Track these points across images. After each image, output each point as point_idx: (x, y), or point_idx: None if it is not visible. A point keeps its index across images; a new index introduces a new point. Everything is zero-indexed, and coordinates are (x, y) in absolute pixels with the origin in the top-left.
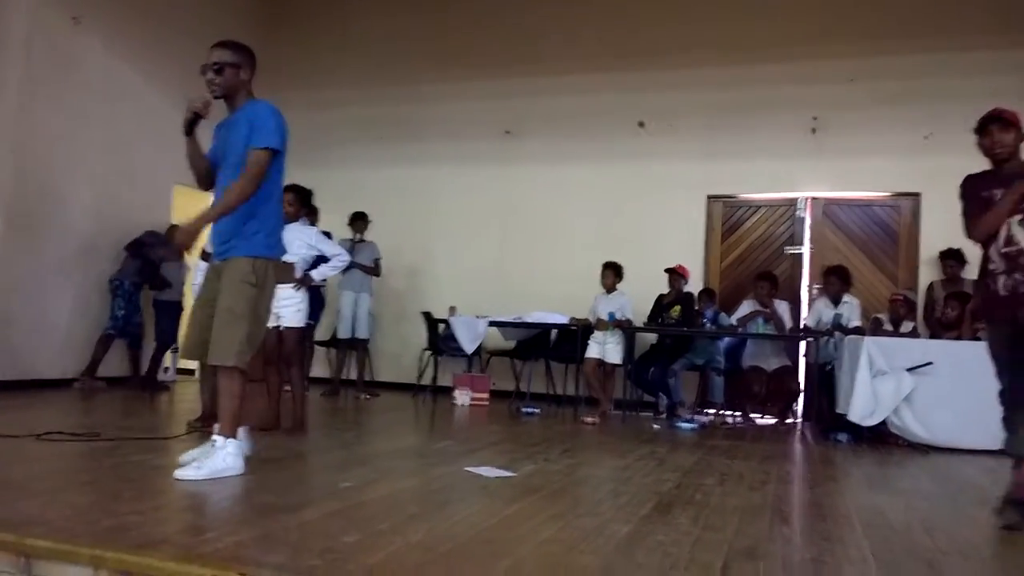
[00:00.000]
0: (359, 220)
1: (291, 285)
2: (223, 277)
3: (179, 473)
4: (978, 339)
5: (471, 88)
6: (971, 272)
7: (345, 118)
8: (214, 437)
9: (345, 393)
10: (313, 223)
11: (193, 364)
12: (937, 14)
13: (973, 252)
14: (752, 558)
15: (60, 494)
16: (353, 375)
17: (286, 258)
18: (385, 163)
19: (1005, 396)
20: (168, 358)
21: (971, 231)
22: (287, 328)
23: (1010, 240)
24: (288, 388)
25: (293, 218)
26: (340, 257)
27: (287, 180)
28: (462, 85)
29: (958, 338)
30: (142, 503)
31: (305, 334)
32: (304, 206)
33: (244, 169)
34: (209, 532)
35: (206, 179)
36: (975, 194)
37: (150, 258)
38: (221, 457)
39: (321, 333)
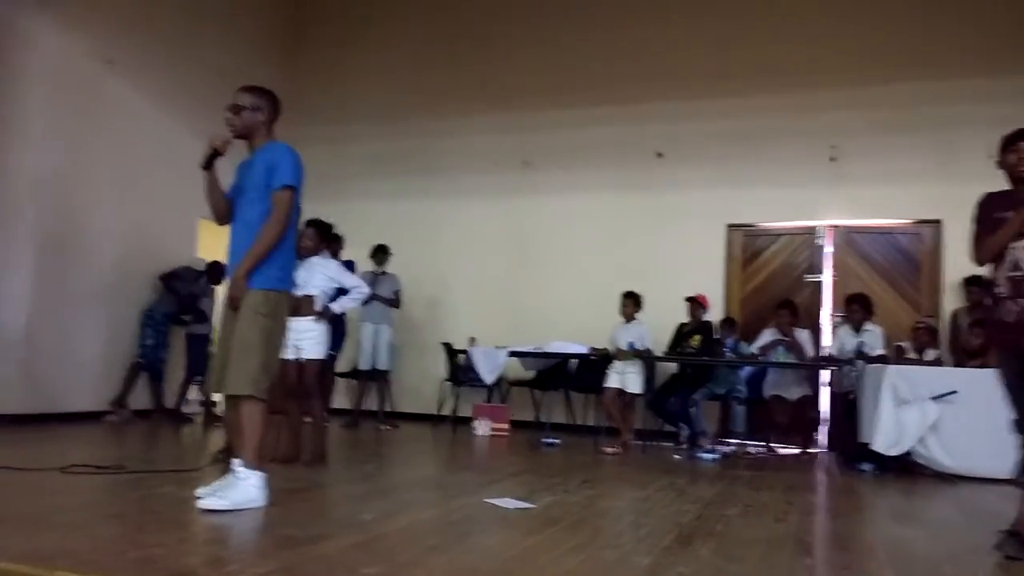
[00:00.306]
0: (380, 253)
1: (312, 318)
2: (239, 310)
3: (203, 502)
4: None
5: (488, 120)
6: None
7: (365, 151)
8: (236, 468)
9: (366, 424)
10: (335, 253)
11: (218, 396)
12: (954, 41)
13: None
14: None
15: (86, 527)
16: (374, 406)
17: (307, 291)
18: (404, 195)
19: (1021, 425)
20: (193, 391)
21: (976, 253)
22: (308, 360)
23: (1016, 265)
24: (309, 420)
25: (313, 252)
26: (359, 289)
27: (307, 214)
28: (479, 118)
29: (983, 366)
30: (167, 535)
31: (326, 366)
32: (324, 240)
33: (269, 210)
34: (232, 564)
35: (224, 215)
36: (988, 214)
37: (183, 292)
38: (244, 489)
39: (342, 365)
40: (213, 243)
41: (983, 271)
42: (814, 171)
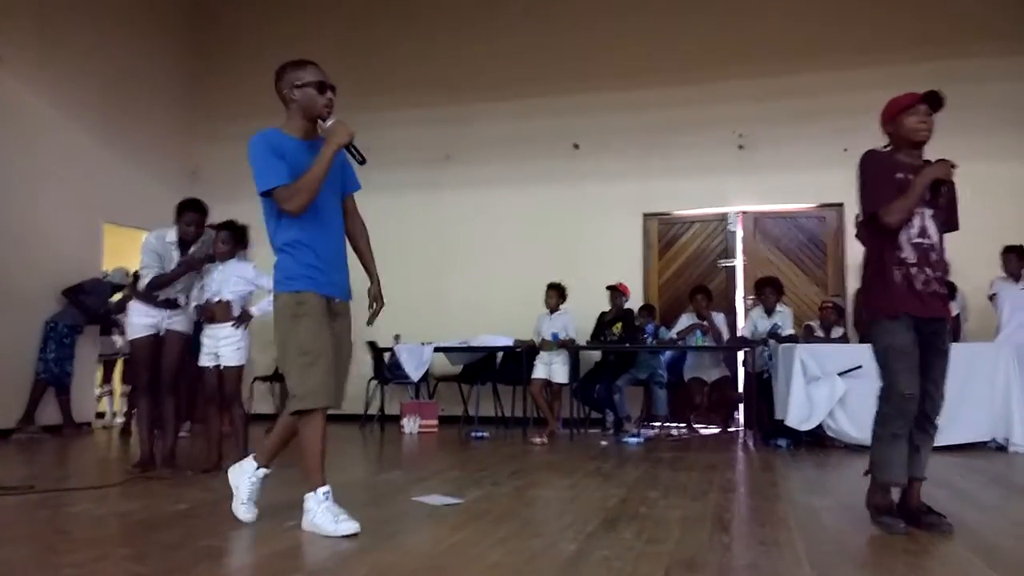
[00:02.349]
0: None
1: (231, 324)
2: (348, 318)
3: (352, 529)
4: None
5: (409, 114)
6: None
7: None
8: (306, 498)
9: None
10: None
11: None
12: (852, 33)
13: None
14: (692, 568)
15: None
16: None
17: (223, 296)
18: None
19: (905, 406)
20: (105, 402)
21: (886, 215)
22: (227, 367)
23: (923, 231)
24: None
25: (229, 256)
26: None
27: (218, 215)
28: (399, 111)
29: None
30: (81, 554)
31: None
32: (240, 243)
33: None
34: None
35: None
36: (888, 175)
37: (94, 307)
38: (323, 517)
39: (263, 368)
40: (120, 249)
41: None
42: (724, 160)
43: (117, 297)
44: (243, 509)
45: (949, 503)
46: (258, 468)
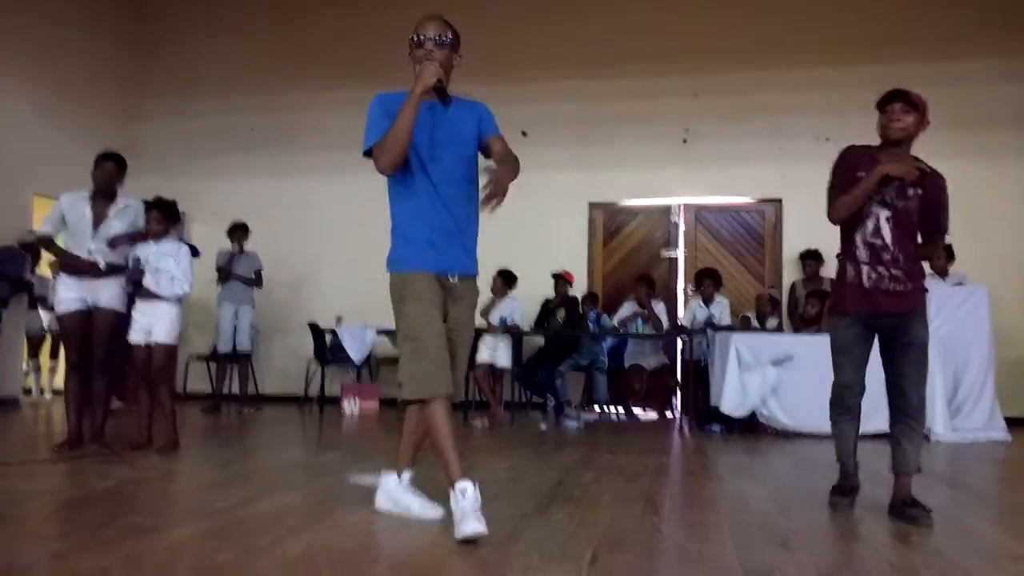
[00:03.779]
0: (239, 231)
1: (166, 300)
2: (471, 299)
3: (468, 531)
4: None
5: (349, 96)
6: (828, 271)
7: (221, 125)
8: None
9: (227, 408)
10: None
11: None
12: (788, 34)
13: (830, 252)
14: (620, 548)
15: None
16: (236, 390)
17: (148, 284)
18: (267, 172)
19: (845, 395)
20: (31, 379)
21: (831, 212)
22: (158, 344)
23: (877, 231)
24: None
25: (163, 235)
26: (183, 286)
27: (153, 190)
28: (341, 93)
29: (818, 332)
30: (2, 532)
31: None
32: (172, 221)
33: (472, 165)
34: (72, 557)
35: (402, 163)
36: (850, 171)
37: (13, 275)
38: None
39: (201, 347)
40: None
41: (818, 246)
42: (669, 152)
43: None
44: (427, 513)
45: (872, 489)
46: (399, 476)
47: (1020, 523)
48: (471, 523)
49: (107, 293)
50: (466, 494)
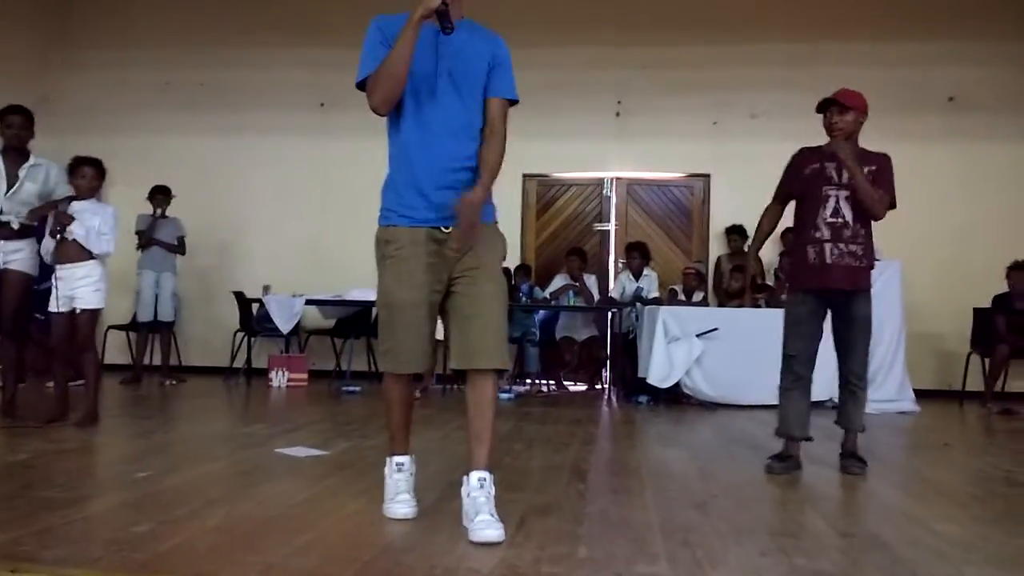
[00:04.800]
0: (160, 194)
1: (89, 262)
2: (487, 246)
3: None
4: (758, 306)
5: (288, 55)
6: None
7: (147, 81)
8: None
9: (149, 380)
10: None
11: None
12: (725, 8)
13: (754, 227)
14: (546, 513)
15: None
16: (157, 361)
17: (78, 235)
18: (193, 131)
19: (792, 365)
20: None
21: (765, 210)
22: (83, 310)
23: (837, 212)
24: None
25: (92, 193)
26: (110, 243)
27: (71, 149)
28: (278, 52)
29: (740, 306)
30: None
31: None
32: (100, 180)
33: (479, 120)
34: None
35: (396, 100)
36: (798, 169)
37: None
38: (386, 487)
39: (121, 316)
40: None
41: (742, 221)
42: (602, 126)
43: None
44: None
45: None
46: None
47: (921, 488)
48: (406, 506)
49: (17, 255)
50: (404, 468)
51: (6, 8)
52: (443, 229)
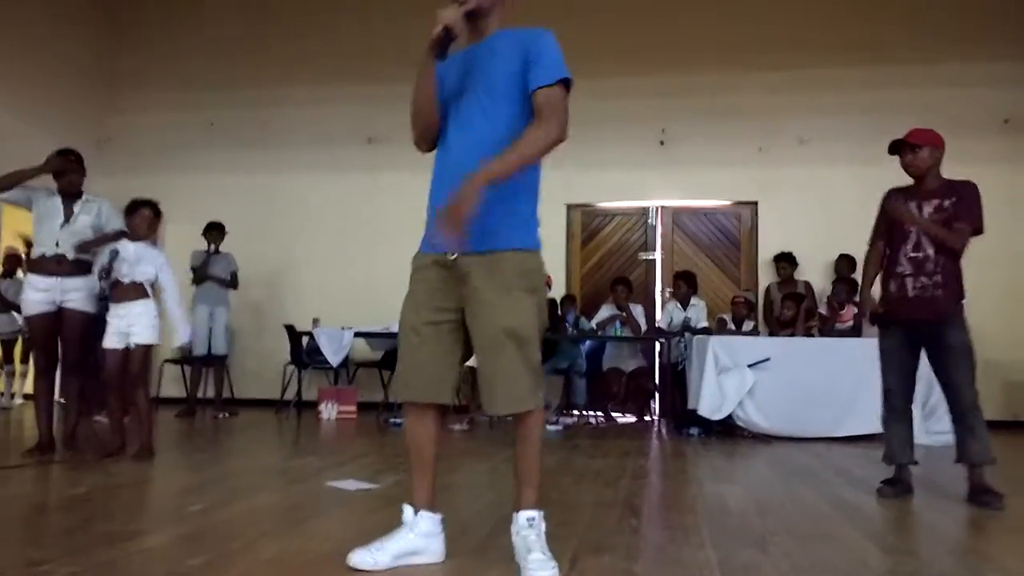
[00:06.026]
0: (214, 230)
1: (143, 300)
2: (493, 279)
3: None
4: (811, 335)
5: (333, 92)
6: (802, 274)
7: (198, 120)
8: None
9: (202, 413)
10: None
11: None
12: (770, 35)
13: (803, 255)
14: (600, 551)
15: None
16: (210, 393)
17: (135, 278)
18: (243, 169)
19: (888, 397)
20: (2, 381)
21: (867, 253)
22: (138, 345)
23: (918, 246)
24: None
25: (147, 237)
26: (174, 296)
27: (130, 190)
28: (324, 88)
29: (792, 335)
30: None
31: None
32: (157, 221)
33: (523, 115)
34: (46, 564)
35: (431, 134)
36: (884, 216)
37: None
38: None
39: (175, 350)
40: (21, 216)
41: (791, 248)
42: (646, 154)
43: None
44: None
45: (845, 491)
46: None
47: (985, 521)
48: (368, 555)
49: (76, 293)
50: (404, 522)
51: (67, 55)
52: (447, 256)
